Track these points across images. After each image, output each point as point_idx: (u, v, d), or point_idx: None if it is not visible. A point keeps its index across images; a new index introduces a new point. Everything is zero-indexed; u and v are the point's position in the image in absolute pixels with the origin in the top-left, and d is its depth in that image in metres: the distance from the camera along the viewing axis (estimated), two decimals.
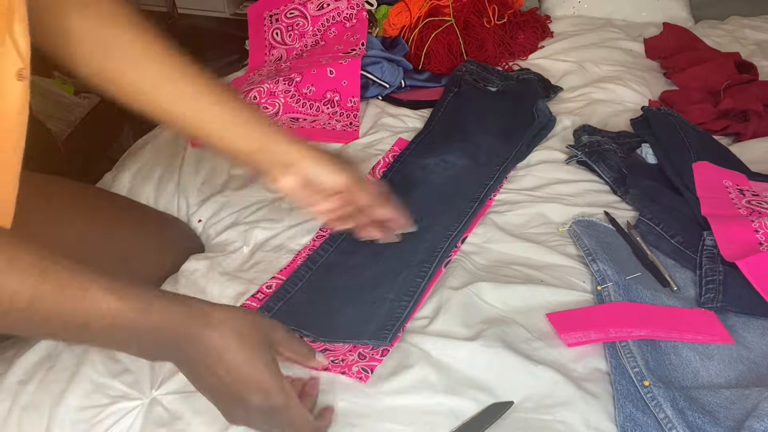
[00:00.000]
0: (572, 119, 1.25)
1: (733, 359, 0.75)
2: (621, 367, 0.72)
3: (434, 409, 0.68)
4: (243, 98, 1.10)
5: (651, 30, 1.64)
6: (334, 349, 0.76)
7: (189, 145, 1.21)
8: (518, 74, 1.41)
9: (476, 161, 1.13)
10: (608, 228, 0.94)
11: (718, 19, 1.76)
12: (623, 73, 1.42)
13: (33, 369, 0.76)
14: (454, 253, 0.92)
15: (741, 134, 1.21)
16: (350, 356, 0.74)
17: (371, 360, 0.74)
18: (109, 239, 0.87)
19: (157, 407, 0.70)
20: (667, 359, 0.74)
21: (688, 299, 0.83)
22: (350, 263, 0.92)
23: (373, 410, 0.68)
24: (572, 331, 0.76)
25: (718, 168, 1.04)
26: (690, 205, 0.98)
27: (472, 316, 0.79)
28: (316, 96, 1.30)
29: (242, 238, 0.98)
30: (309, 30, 1.48)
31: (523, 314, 0.80)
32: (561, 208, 0.99)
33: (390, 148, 1.17)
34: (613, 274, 0.83)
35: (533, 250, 0.91)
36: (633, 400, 0.68)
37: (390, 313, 0.81)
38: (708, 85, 1.32)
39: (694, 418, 0.66)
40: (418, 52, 1.51)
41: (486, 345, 0.74)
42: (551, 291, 0.83)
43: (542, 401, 0.69)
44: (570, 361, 0.74)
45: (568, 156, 1.13)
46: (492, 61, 1.49)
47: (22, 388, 0.74)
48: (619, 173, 1.05)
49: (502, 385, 0.70)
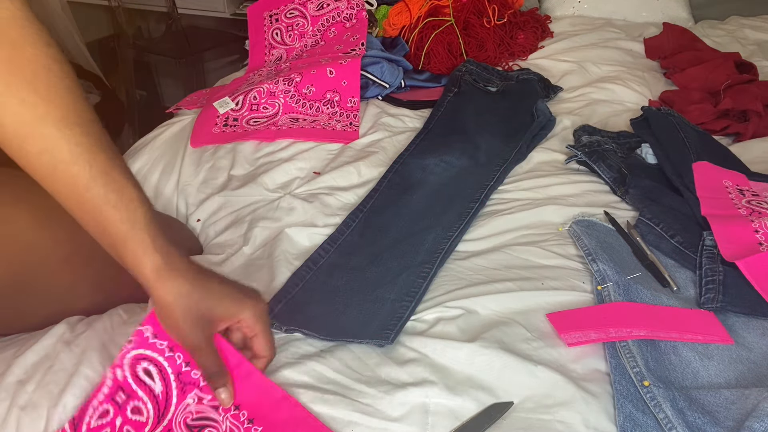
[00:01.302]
0: (572, 119, 1.25)
1: (733, 359, 0.75)
2: (621, 367, 0.72)
3: (434, 409, 0.68)
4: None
5: (651, 30, 1.65)
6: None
7: (189, 145, 1.22)
8: (518, 74, 1.41)
9: (476, 161, 1.13)
10: (608, 228, 0.94)
11: (718, 19, 1.77)
12: (623, 73, 1.42)
13: (32, 369, 0.75)
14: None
15: (741, 134, 1.21)
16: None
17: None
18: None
19: None
20: (666, 359, 0.74)
21: (688, 299, 0.83)
22: (351, 264, 0.92)
23: (373, 410, 0.68)
24: (572, 331, 0.76)
25: (718, 168, 1.04)
26: (690, 205, 0.98)
27: (471, 322, 0.79)
28: (316, 96, 1.30)
29: (242, 239, 0.98)
30: (309, 30, 1.48)
31: (522, 314, 0.80)
32: (561, 208, 0.99)
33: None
34: (613, 274, 0.83)
35: (533, 251, 0.91)
36: (633, 400, 0.68)
37: (392, 314, 0.81)
38: (708, 85, 1.33)
39: (693, 418, 0.66)
40: (418, 52, 1.51)
41: (486, 345, 0.74)
42: (551, 291, 0.83)
43: (542, 401, 0.69)
44: (570, 361, 0.74)
45: (568, 156, 1.13)
46: (492, 61, 1.49)
47: (21, 387, 0.74)
48: (619, 173, 1.05)
49: (501, 385, 0.70)
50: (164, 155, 1.20)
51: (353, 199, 1.07)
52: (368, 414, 0.68)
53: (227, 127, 1.26)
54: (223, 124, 1.26)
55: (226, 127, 1.26)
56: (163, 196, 1.11)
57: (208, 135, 1.24)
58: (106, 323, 0.82)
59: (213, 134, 1.25)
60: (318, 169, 1.15)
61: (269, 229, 0.99)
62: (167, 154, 1.20)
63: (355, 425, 0.67)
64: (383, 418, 0.67)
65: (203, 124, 1.27)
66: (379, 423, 0.67)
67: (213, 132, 1.25)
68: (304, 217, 1.01)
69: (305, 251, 0.96)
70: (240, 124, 1.26)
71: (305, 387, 0.71)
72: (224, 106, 1.27)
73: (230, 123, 1.26)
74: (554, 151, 1.16)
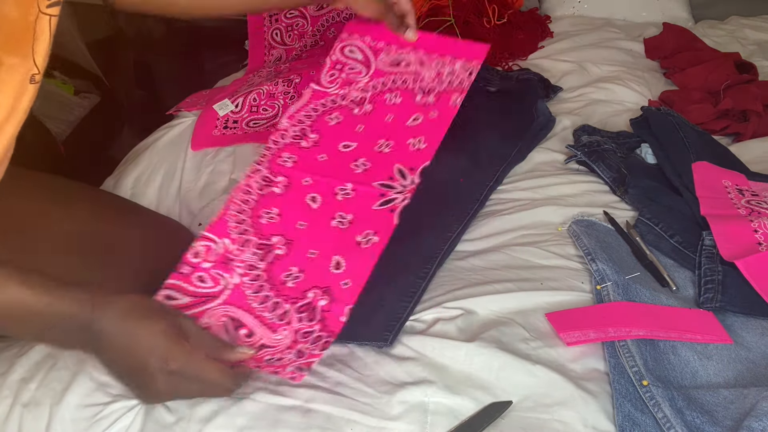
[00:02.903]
0: (572, 119, 1.25)
1: (732, 359, 0.75)
2: (620, 367, 0.72)
3: (433, 408, 0.68)
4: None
5: (651, 30, 1.65)
6: (272, 345, 0.72)
7: (189, 149, 1.22)
8: (518, 74, 1.41)
9: (476, 161, 1.13)
10: (607, 228, 0.95)
11: (718, 19, 1.76)
12: (623, 73, 1.42)
13: (35, 367, 0.76)
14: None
15: (741, 134, 1.21)
16: (288, 354, 0.70)
17: (310, 357, 0.69)
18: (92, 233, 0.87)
19: (158, 405, 0.70)
20: (665, 359, 0.74)
21: (687, 299, 0.84)
22: None
23: (372, 409, 0.68)
24: (571, 331, 0.76)
25: (717, 168, 1.04)
26: (689, 205, 0.98)
27: (469, 322, 0.79)
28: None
29: None
30: (308, 30, 1.48)
31: (521, 314, 0.80)
32: (560, 208, 1.00)
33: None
34: (612, 274, 0.84)
35: (532, 251, 0.91)
36: (631, 399, 0.69)
37: (390, 314, 0.81)
38: (708, 85, 1.33)
39: (692, 418, 0.66)
40: None
41: (484, 345, 0.74)
42: (550, 291, 0.83)
43: (541, 400, 0.69)
44: (569, 360, 0.74)
45: (567, 156, 1.13)
46: (492, 61, 1.49)
47: (24, 386, 0.74)
48: (619, 173, 1.05)
49: (500, 384, 0.71)
50: (165, 159, 1.20)
51: None
52: (367, 413, 0.68)
53: (227, 129, 1.25)
54: (223, 127, 1.26)
55: (226, 129, 1.25)
56: (166, 202, 1.11)
57: (209, 137, 1.24)
58: None
59: (213, 137, 1.24)
60: None
61: None
62: (168, 159, 1.20)
63: (355, 424, 0.67)
64: (382, 417, 0.68)
65: (203, 126, 1.26)
66: (378, 422, 0.67)
67: (213, 134, 1.25)
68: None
69: None
70: (240, 126, 1.26)
71: (304, 386, 0.71)
72: (224, 108, 1.27)
73: (230, 125, 1.26)
74: (554, 151, 1.16)
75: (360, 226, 0.79)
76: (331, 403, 0.69)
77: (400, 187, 0.83)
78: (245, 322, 0.72)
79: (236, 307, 0.72)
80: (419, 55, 0.97)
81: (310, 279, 0.75)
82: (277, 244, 0.78)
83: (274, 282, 0.75)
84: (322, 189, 0.84)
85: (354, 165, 0.85)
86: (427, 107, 0.91)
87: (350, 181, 0.84)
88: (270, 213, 0.80)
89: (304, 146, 0.87)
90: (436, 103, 0.91)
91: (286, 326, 0.71)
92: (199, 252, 0.76)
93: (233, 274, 0.74)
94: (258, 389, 0.71)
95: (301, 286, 0.75)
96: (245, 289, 0.73)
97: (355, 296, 0.74)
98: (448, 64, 0.96)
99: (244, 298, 0.73)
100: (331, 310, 0.73)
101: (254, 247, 0.77)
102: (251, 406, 0.69)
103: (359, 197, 0.82)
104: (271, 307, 0.73)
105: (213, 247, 0.77)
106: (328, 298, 0.74)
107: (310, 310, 0.72)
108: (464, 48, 0.97)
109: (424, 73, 0.95)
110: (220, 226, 0.79)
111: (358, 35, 0.99)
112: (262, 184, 0.84)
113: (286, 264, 0.76)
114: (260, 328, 0.72)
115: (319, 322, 0.72)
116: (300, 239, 0.79)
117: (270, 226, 0.80)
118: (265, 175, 0.84)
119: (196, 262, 0.76)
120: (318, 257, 0.77)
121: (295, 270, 0.76)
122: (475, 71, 0.95)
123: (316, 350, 0.70)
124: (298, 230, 0.79)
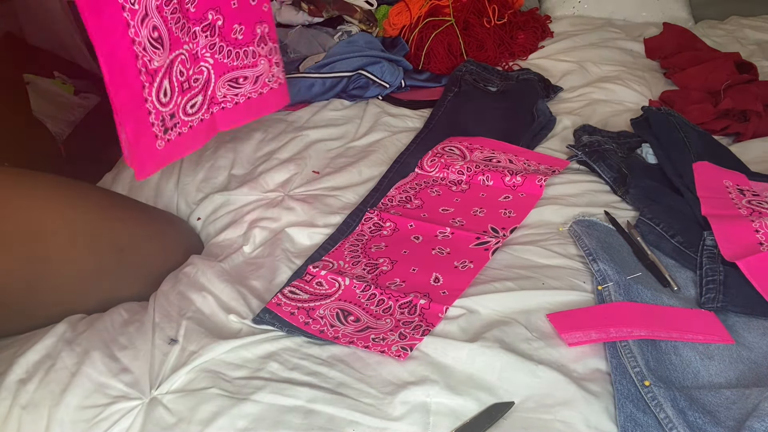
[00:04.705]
0: (572, 119, 1.25)
1: (734, 359, 0.75)
2: (621, 367, 0.72)
3: (435, 408, 0.68)
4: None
5: (651, 30, 1.65)
6: (376, 327, 0.79)
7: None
8: (518, 74, 1.41)
9: None
10: (608, 228, 0.94)
11: (718, 19, 1.77)
12: (623, 73, 1.42)
13: (33, 368, 0.76)
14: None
15: (741, 134, 1.21)
16: (391, 335, 0.77)
17: (411, 339, 0.76)
18: (103, 233, 0.88)
19: (158, 407, 0.70)
20: (667, 359, 0.74)
21: (689, 299, 0.83)
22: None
23: (375, 410, 0.68)
24: (573, 331, 0.76)
25: (718, 168, 1.04)
26: (690, 205, 0.98)
27: (472, 322, 0.79)
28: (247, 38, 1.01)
29: (242, 238, 0.98)
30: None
31: (523, 314, 0.80)
32: (561, 208, 1.00)
33: None
34: (613, 274, 0.83)
35: (534, 250, 0.91)
36: (633, 399, 0.68)
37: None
38: (708, 85, 1.33)
39: (694, 418, 0.66)
40: (418, 52, 1.51)
41: (487, 345, 0.74)
42: (552, 291, 0.83)
43: (543, 401, 0.69)
44: (570, 361, 0.74)
45: (568, 156, 1.13)
46: (492, 61, 1.49)
47: (23, 387, 0.74)
48: (619, 173, 1.05)
49: (502, 385, 0.70)
50: None
51: (354, 199, 1.07)
52: (369, 413, 0.68)
53: (170, 132, 0.93)
54: (163, 131, 0.91)
55: (167, 133, 0.92)
56: (164, 195, 1.11)
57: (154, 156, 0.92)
58: (107, 322, 0.82)
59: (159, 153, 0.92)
60: (317, 168, 1.15)
61: (268, 229, 0.99)
62: None
63: (357, 425, 0.67)
64: (384, 418, 0.67)
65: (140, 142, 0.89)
66: (380, 422, 0.67)
67: (158, 149, 0.91)
68: (303, 217, 1.02)
69: (305, 250, 0.96)
70: (180, 119, 0.94)
71: (307, 386, 0.71)
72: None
73: (169, 125, 0.92)
74: (554, 150, 1.16)
75: (458, 256, 0.91)
76: (332, 404, 0.69)
77: (493, 236, 0.94)
78: (353, 311, 0.83)
79: (346, 302, 0.84)
80: (509, 155, 1.12)
81: (411, 286, 0.86)
82: (383, 264, 0.91)
83: (380, 286, 0.86)
84: (424, 231, 0.97)
85: (452, 221, 0.99)
86: (516, 188, 1.04)
87: (449, 227, 0.97)
88: (379, 246, 0.95)
89: (409, 207, 1.03)
90: (524, 183, 1.04)
91: (389, 317, 0.81)
92: (319, 266, 0.90)
93: (345, 279, 0.87)
94: (258, 389, 0.71)
95: (404, 290, 0.86)
96: (356, 289, 0.86)
97: (453, 300, 0.83)
98: (533, 166, 1.09)
99: (354, 295, 0.85)
100: (431, 309, 0.82)
101: (364, 265, 0.91)
102: (252, 407, 0.69)
103: (457, 239, 0.95)
104: (376, 302, 0.84)
105: (330, 265, 0.90)
106: (428, 299, 0.83)
107: (410, 307, 0.82)
108: (549, 159, 1.12)
109: (513, 167, 1.08)
110: (337, 253, 0.93)
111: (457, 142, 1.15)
112: (372, 229, 0.98)
113: (391, 276, 0.89)
114: (366, 315, 0.82)
115: (419, 315, 0.81)
116: (404, 260, 0.92)
117: (378, 253, 0.93)
118: (376, 222, 0.99)
119: (315, 271, 0.89)
120: (419, 273, 0.89)
121: (398, 280, 0.88)
122: (558, 171, 1.08)
123: (417, 335, 0.77)
124: (402, 255, 0.92)
